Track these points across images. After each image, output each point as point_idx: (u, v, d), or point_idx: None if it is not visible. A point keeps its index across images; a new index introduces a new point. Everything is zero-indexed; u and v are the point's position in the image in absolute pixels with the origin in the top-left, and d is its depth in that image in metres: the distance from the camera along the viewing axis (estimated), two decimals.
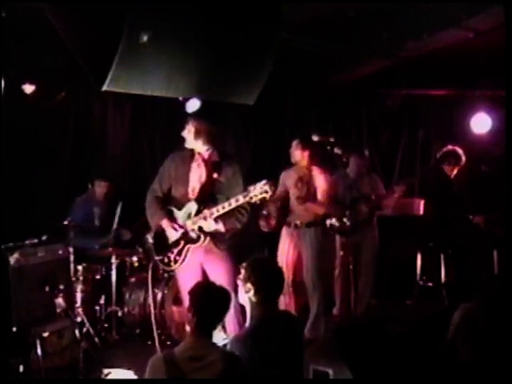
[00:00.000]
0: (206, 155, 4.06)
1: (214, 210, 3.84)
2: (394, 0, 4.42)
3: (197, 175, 4.02)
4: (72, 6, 3.88)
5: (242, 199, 3.75)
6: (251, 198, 3.69)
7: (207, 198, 3.97)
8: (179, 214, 4.02)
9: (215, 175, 4.02)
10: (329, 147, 4.98)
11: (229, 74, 4.43)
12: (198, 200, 3.96)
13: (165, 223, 4.00)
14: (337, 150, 5.01)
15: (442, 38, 5.04)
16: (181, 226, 3.97)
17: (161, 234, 4.08)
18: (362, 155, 5.49)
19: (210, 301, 2.55)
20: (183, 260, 3.98)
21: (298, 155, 4.94)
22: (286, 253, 4.96)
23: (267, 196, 3.70)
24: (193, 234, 3.95)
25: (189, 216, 3.96)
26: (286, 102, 7.06)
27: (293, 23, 4.58)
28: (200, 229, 3.92)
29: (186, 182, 4.02)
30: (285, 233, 5.01)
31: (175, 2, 3.77)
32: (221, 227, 3.91)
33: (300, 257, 4.92)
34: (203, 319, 2.50)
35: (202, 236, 3.93)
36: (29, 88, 5.00)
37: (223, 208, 3.83)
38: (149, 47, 3.74)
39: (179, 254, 3.99)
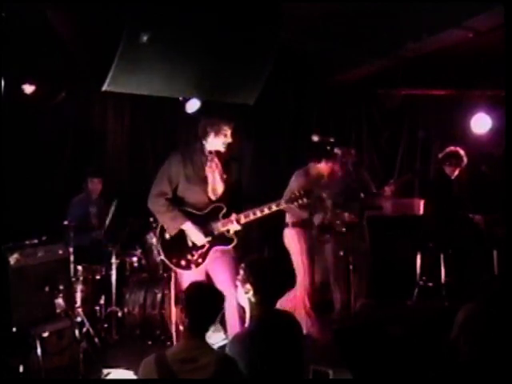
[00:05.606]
0: (220, 155, 3.97)
1: (241, 215, 3.81)
2: (394, 0, 4.42)
3: (217, 176, 3.90)
4: (72, 6, 3.89)
5: (283, 204, 3.81)
6: (292, 202, 3.77)
7: (229, 199, 3.92)
8: (203, 217, 3.90)
9: (226, 175, 3.97)
10: (329, 147, 4.96)
11: (229, 74, 4.43)
12: (223, 202, 3.89)
13: (189, 226, 3.85)
14: (337, 150, 4.99)
15: (441, 38, 5.05)
16: (207, 230, 3.87)
17: (178, 237, 3.92)
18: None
19: (203, 302, 2.53)
20: (205, 261, 3.91)
21: None
22: None
23: (305, 202, 3.80)
24: (222, 236, 3.88)
25: (216, 218, 3.88)
26: (285, 102, 7.06)
27: (293, 23, 4.57)
28: (229, 231, 3.88)
29: (204, 183, 3.90)
30: None
31: (175, 3, 3.77)
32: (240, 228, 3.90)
33: None
34: (196, 320, 2.49)
35: (235, 238, 3.88)
36: (29, 88, 4.99)
37: (254, 214, 3.83)
38: (149, 47, 3.75)
39: (203, 256, 3.89)
